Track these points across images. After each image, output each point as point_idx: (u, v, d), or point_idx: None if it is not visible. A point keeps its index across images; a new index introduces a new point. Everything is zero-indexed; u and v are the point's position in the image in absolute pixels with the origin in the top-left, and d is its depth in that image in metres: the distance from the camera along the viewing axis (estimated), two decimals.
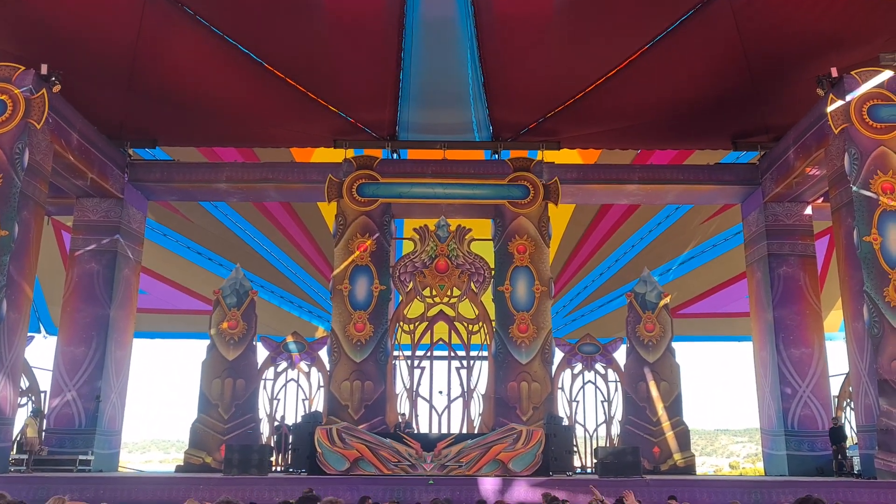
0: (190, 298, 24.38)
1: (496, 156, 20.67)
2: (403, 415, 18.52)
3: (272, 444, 18.53)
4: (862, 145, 15.90)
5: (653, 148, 21.59)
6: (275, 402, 19.45)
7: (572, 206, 22.77)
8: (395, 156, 20.84)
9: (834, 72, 16.33)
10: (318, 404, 19.19)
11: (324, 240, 23.13)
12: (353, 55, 17.59)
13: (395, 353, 19.35)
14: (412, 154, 21.23)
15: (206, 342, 19.31)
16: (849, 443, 17.50)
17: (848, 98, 16.10)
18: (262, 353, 19.59)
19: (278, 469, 17.95)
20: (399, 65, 17.90)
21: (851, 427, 18.50)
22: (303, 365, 19.67)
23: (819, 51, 16.79)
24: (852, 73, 16.21)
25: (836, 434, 17.08)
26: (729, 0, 16.16)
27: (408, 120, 20.04)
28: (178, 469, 18.54)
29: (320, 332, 24.06)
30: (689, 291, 24.31)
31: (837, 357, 19.91)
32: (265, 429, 19.15)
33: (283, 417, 19.17)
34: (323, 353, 19.42)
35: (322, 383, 19.31)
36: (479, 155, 21.35)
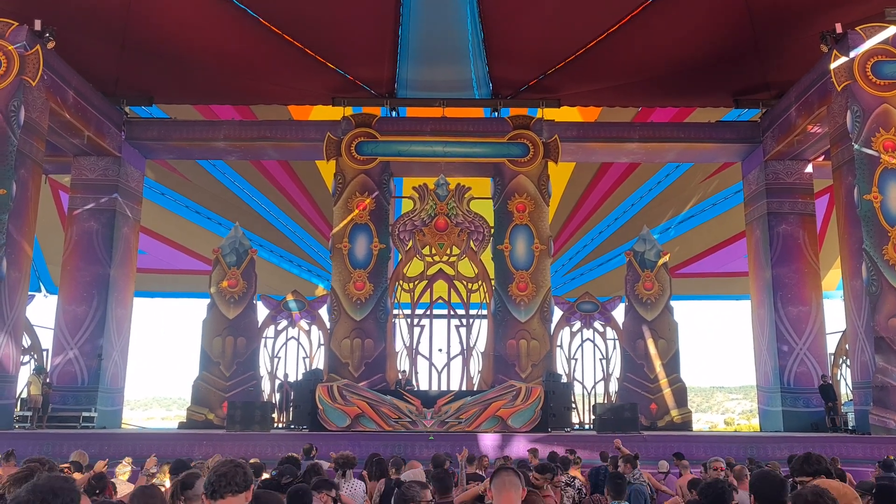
0: (189, 258, 24.39)
1: (496, 114, 20.51)
2: (403, 372, 18.69)
3: (274, 401, 18.73)
4: (865, 102, 15.77)
5: (654, 105, 21.40)
6: (276, 359, 19.61)
7: (572, 165, 22.66)
8: (393, 114, 20.67)
9: (838, 27, 16.11)
10: (319, 362, 19.35)
11: (322, 198, 23.06)
12: (351, 11, 17.33)
13: (395, 311, 19.43)
14: (411, 112, 21.05)
15: (207, 301, 19.38)
16: (843, 399, 17.72)
17: (852, 54, 15.93)
18: (262, 311, 19.69)
19: (280, 426, 18.17)
20: (398, 20, 17.65)
21: (847, 384, 18.69)
22: (303, 323, 19.79)
23: (823, 6, 16.56)
24: (857, 28, 16.01)
25: (827, 391, 17.32)
26: None
27: (406, 77, 19.83)
28: (181, 425, 18.76)
29: (320, 291, 24.13)
30: (688, 250, 24.33)
31: (835, 315, 20.07)
32: (266, 386, 19.34)
33: (286, 375, 19.34)
34: (323, 312, 19.52)
35: (322, 341, 19.44)
36: (479, 113, 21.17)
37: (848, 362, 17.93)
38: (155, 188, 22.96)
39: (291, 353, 19.77)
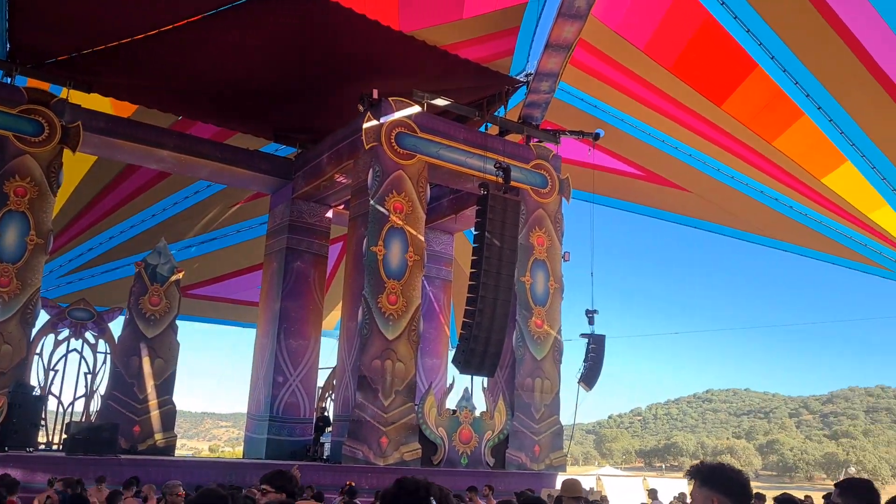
0: None
1: (9, 80, 17.52)
2: None
3: None
4: (385, 165, 17.50)
5: (195, 118, 20.70)
6: None
7: (94, 159, 20.48)
8: None
9: (375, 94, 17.71)
10: None
11: None
12: None
13: None
14: None
15: None
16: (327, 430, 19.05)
17: (382, 120, 17.62)
18: None
19: None
20: None
21: (329, 416, 20.10)
22: None
23: (366, 71, 18.08)
24: (390, 99, 17.81)
25: (316, 423, 18.52)
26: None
27: None
28: None
29: None
30: (205, 272, 23.90)
31: (328, 352, 21.59)
32: None
33: None
34: None
35: None
36: None
37: (333, 396, 19.31)
38: None
39: None
